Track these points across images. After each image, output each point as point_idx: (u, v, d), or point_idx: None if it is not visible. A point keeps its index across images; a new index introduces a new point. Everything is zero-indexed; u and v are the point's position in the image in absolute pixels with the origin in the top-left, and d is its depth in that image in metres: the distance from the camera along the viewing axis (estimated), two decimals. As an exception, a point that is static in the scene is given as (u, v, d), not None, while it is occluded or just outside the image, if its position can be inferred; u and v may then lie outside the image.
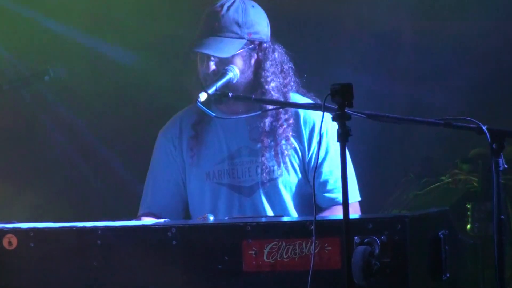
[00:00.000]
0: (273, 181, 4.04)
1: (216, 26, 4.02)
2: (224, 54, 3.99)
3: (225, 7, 4.03)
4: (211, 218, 3.54)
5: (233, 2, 4.05)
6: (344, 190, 3.03)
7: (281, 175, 4.04)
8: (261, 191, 4.04)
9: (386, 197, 5.85)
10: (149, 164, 4.26)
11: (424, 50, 5.86)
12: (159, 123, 4.29)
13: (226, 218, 3.71)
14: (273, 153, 4.03)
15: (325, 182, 4.04)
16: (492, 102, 5.67)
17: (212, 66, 4.01)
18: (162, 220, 3.68)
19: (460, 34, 5.68)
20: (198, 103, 3.77)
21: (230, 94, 3.88)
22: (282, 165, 4.03)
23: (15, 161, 6.02)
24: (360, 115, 3.36)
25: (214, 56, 4.00)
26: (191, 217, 4.14)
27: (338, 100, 3.08)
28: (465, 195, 5.55)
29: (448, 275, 3.28)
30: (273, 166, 4.03)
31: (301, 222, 3.23)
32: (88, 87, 5.98)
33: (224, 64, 4.00)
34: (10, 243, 3.30)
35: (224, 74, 3.95)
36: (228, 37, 4.02)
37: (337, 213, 3.94)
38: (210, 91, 3.81)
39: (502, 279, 3.22)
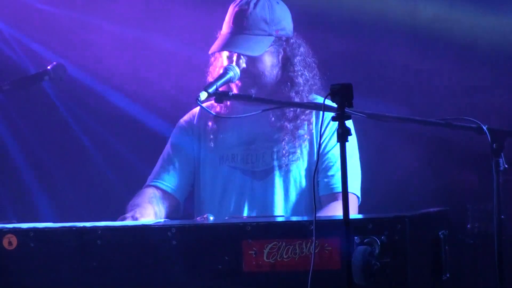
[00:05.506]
0: (287, 166, 4.06)
1: (244, 24, 4.03)
2: (256, 53, 4.02)
3: (252, 5, 4.05)
4: (211, 218, 3.54)
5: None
6: (344, 191, 3.03)
7: (296, 160, 4.07)
8: (275, 175, 4.06)
9: (386, 198, 5.84)
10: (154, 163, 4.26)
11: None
12: (169, 123, 4.28)
13: (226, 218, 3.72)
14: (291, 137, 4.06)
15: (328, 168, 4.06)
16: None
17: (243, 64, 4.03)
18: (162, 220, 3.68)
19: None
20: (199, 102, 3.77)
21: (230, 93, 3.89)
22: (298, 151, 4.07)
23: (15, 161, 6.01)
24: (360, 115, 3.36)
25: (244, 55, 4.02)
26: (203, 201, 4.15)
27: (338, 100, 3.08)
28: (465, 195, 5.54)
29: (448, 275, 3.28)
30: (290, 151, 4.06)
31: (301, 222, 3.23)
32: (91, 83, 5.97)
33: (254, 62, 4.03)
34: (10, 243, 3.30)
35: (224, 73, 3.95)
36: (256, 34, 4.04)
37: (336, 211, 3.93)
38: (211, 90, 3.81)
39: (502, 279, 3.22)
